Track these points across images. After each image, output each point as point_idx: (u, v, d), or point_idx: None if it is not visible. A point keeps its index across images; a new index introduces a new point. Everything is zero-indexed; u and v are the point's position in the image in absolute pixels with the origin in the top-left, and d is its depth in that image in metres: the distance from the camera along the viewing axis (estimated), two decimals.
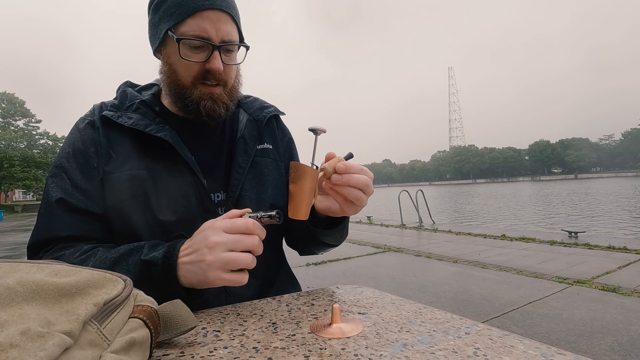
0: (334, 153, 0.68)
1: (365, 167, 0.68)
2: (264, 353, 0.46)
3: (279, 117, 0.98)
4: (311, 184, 0.62)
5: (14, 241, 10.79)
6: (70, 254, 0.67)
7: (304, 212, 0.63)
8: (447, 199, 33.09)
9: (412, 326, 0.53)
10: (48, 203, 0.72)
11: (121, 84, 0.88)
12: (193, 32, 0.72)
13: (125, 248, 0.66)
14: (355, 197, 0.66)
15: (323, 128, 0.66)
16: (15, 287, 0.32)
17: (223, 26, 0.73)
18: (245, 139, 0.85)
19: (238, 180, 0.80)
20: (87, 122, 0.79)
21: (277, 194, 0.86)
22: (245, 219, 0.61)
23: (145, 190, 0.73)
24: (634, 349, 2.43)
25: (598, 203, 19.06)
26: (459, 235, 7.57)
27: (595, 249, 5.55)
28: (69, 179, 0.74)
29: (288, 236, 0.94)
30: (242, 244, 0.59)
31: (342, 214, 0.71)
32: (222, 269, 0.58)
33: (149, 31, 0.80)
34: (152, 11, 0.78)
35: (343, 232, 0.82)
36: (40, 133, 41.13)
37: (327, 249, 0.87)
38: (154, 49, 0.80)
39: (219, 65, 0.74)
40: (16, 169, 34.24)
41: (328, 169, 0.65)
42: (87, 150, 0.76)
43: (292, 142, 0.99)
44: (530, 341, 0.47)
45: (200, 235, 0.61)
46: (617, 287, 3.68)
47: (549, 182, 78.92)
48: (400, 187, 18.42)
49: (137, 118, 0.77)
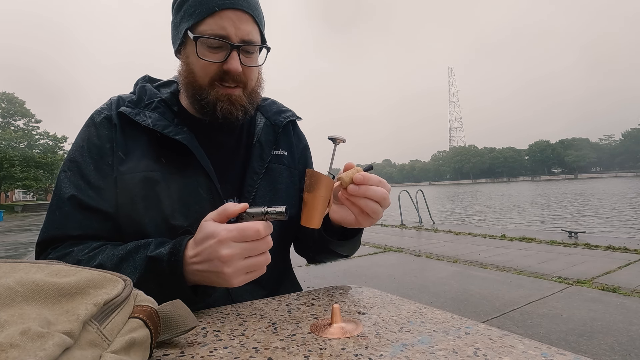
0: (352, 163, 0.67)
1: (383, 180, 0.67)
2: (264, 353, 0.46)
3: (296, 123, 0.97)
4: (326, 193, 0.61)
5: (14, 241, 10.79)
6: (79, 251, 0.66)
7: (316, 221, 0.62)
8: (447, 200, 33.08)
9: (412, 326, 0.53)
10: (60, 199, 0.71)
11: (140, 79, 0.86)
12: (212, 31, 0.71)
13: (132, 245, 0.65)
14: (371, 209, 0.65)
15: (343, 137, 0.64)
16: (15, 287, 0.32)
17: (243, 26, 0.72)
18: (262, 144, 0.84)
19: (252, 186, 0.79)
20: (104, 116, 0.77)
21: (290, 202, 0.85)
22: (255, 226, 0.57)
23: (157, 193, 0.72)
24: (634, 349, 2.43)
25: (600, 205, 19.05)
26: (459, 235, 7.56)
27: (595, 249, 5.55)
28: (82, 175, 0.72)
29: (298, 243, 0.93)
30: (257, 250, 0.58)
31: (357, 225, 0.70)
32: (243, 273, 0.58)
33: (171, 32, 0.80)
34: (175, 11, 0.77)
35: (356, 244, 0.81)
36: (40, 133, 41.18)
37: (336, 259, 0.86)
38: (175, 50, 0.79)
39: (237, 66, 0.72)
40: (16, 169, 34.26)
41: (345, 179, 0.64)
42: (103, 146, 0.74)
43: (307, 149, 0.97)
44: (530, 341, 0.47)
45: (208, 246, 0.57)
46: (617, 287, 3.68)
47: (549, 182, 78.89)
48: (400, 187, 18.41)
49: (155, 118, 0.75)
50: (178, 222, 0.72)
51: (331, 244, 0.77)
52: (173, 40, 0.79)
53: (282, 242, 0.86)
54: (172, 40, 0.80)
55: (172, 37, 0.80)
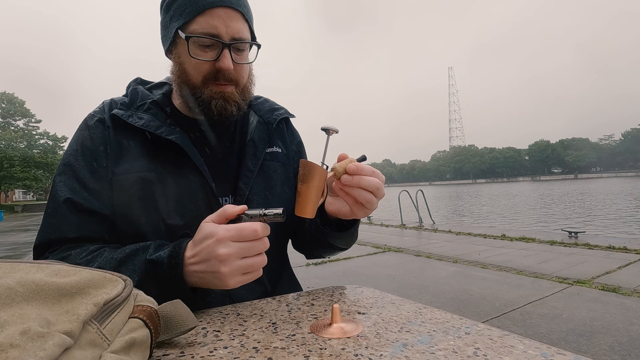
0: (346, 154, 0.68)
1: (377, 170, 0.67)
2: (264, 353, 0.46)
3: (289, 120, 0.98)
4: (319, 183, 0.62)
5: (14, 241, 10.79)
6: (77, 254, 0.66)
7: (310, 210, 0.62)
8: (447, 200, 33.06)
9: (412, 326, 0.53)
10: (56, 202, 0.71)
11: (131, 81, 0.87)
12: (203, 29, 0.71)
13: (131, 248, 0.65)
14: (365, 199, 0.65)
15: (335, 128, 0.65)
16: (15, 287, 0.32)
17: (233, 24, 0.73)
18: (255, 142, 0.84)
19: (246, 184, 0.79)
20: (97, 119, 0.78)
21: (285, 199, 0.85)
22: (253, 226, 0.58)
23: (153, 193, 0.73)
24: (634, 349, 2.43)
25: (602, 204, 19.03)
26: (459, 235, 7.57)
27: (595, 249, 5.55)
28: (77, 178, 0.73)
29: (295, 239, 0.93)
30: (254, 251, 0.58)
31: (353, 216, 0.70)
32: (239, 274, 0.58)
33: (161, 32, 0.80)
34: (164, 11, 0.77)
35: (353, 236, 0.81)
36: (40, 133, 41.15)
37: (335, 253, 0.87)
38: (165, 50, 0.79)
39: (228, 64, 0.73)
40: (16, 169, 34.25)
41: (339, 169, 0.65)
42: (97, 149, 0.75)
43: (301, 145, 0.98)
44: (530, 341, 0.47)
45: (206, 246, 0.58)
46: (617, 287, 3.68)
47: (549, 183, 78.87)
48: (400, 187, 18.42)
49: (148, 119, 0.76)
50: (174, 222, 0.72)
51: (328, 237, 0.78)
52: (163, 40, 0.80)
53: (280, 237, 0.87)
54: (162, 40, 0.80)
55: (162, 37, 0.80)
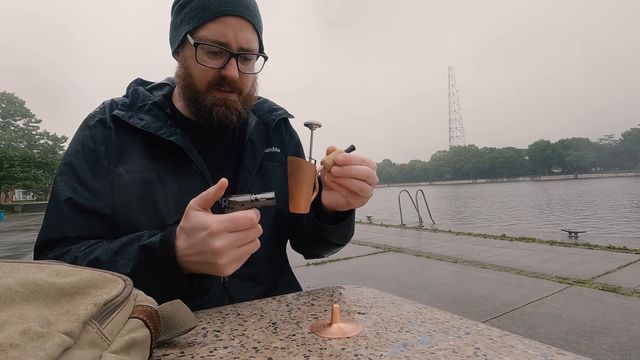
0: (334, 147, 0.68)
1: (367, 158, 0.67)
2: (264, 353, 0.46)
3: (288, 120, 0.98)
4: (308, 177, 0.62)
5: (14, 241, 10.79)
6: (77, 248, 0.68)
7: (303, 205, 0.62)
8: (449, 200, 33.06)
9: (412, 326, 0.54)
10: (57, 202, 0.72)
11: (132, 82, 0.87)
12: (212, 37, 0.71)
13: (127, 238, 0.66)
14: (358, 187, 0.66)
15: (318, 122, 0.65)
16: (15, 287, 0.32)
17: (243, 33, 0.73)
18: (254, 142, 0.85)
19: (245, 184, 0.80)
20: (98, 119, 0.78)
21: (284, 199, 0.85)
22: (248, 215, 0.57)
23: (153, 194, 0.73)
24: (634, 349, 2.43)
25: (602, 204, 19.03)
26: (459, 235, 7.56)
27: (595, 249, 5.55)
28: (78, 178, 0.73)
29: (293, 239, 0.93)
30: (249, 239, 0.59)
31: (349, 206, 0.71)
32: (235, 262, 0.58)
33: (170, 32, 0.80)
34: (175, 12, 0.77)
35: (349, 229, 0.81)
36: (40, 133, 41.16)
37: (333, 250, 0.87)
38: (172, 51, 0.80)
39: (234, 73, 0.73)
40: (16, 169, 34.27)
41: (327, 162, 0.65)
42: (98, 149, 0.75)
43: (299, 145, 0.99)
44: (530, 341, 0.47)
45: (200, 239, 0.57)
46: (617, 287, 3.68)
47: (549, 183, 78.88)
48: (400, 187, 18.42)
49: (148, 120, 0.76)
50: (173, 222, 0.73)
51: (325, 231, 0.78)
52: (171, 40, 0.80)
53: (278, 237, 0.87)
54: (171, 40, 0.80)
55: (170, 38, 0.81)
